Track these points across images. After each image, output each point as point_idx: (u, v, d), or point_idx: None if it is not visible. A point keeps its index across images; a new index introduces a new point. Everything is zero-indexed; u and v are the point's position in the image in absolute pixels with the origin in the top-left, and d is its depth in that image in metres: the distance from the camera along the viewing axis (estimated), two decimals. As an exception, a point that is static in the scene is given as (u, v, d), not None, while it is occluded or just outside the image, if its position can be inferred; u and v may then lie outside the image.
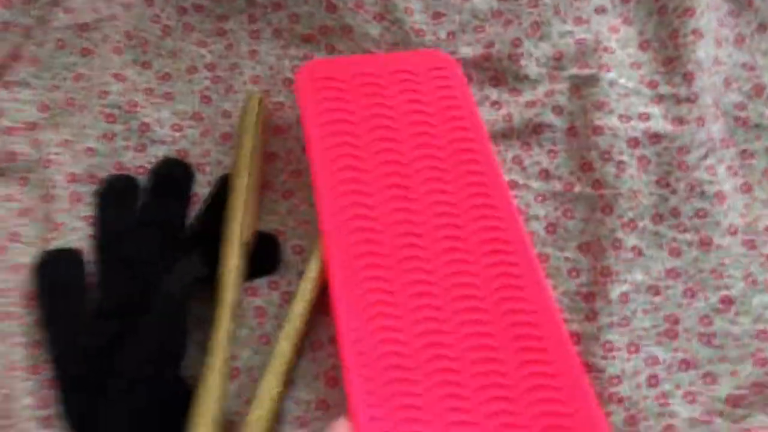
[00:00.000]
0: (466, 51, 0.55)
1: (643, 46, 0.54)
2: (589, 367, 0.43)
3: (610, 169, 0.49)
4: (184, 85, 0.55)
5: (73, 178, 0.50)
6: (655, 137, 0.50)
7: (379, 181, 0.47)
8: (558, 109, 0.52)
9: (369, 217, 0.46)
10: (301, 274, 0.46)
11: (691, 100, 0.51)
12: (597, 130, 0.50)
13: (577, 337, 0.45)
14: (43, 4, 0.56)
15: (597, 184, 0.49)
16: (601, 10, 0.55)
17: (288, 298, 0.46)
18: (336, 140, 0.48)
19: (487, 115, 0.52)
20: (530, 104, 0.53)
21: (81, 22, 0.56)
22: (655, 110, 0.51)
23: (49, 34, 0.55)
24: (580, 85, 0.52)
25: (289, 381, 0.43)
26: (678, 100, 0.51)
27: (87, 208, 0.49)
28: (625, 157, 0.49)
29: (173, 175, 0.51)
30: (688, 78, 0.51)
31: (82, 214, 0.49)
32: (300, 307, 0.44)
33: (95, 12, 0.56)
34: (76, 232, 0.48)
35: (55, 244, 0.47)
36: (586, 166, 0.50)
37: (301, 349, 0.44)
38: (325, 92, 0.50)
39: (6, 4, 0.54)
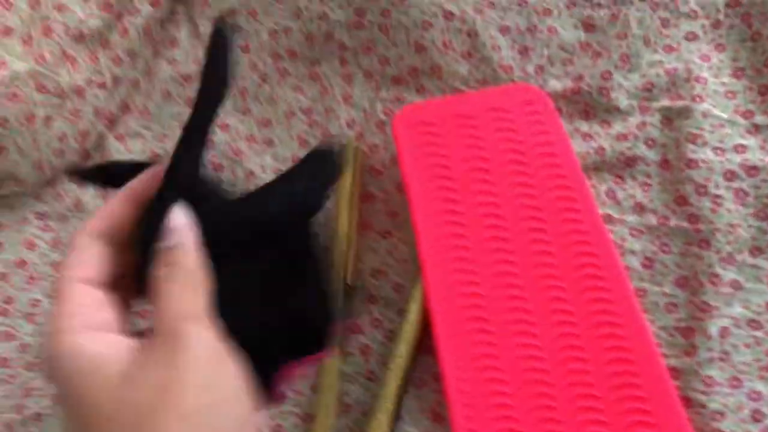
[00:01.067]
0: (555, 84, 0.55)
1: (737, 74, 0.53)
2: (690, 403, 0.44)
3: (706, 203, 0.49)
4: (282, 131, 0.57)
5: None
6: (753, 169, 0.49)
7: (476, 219, 0.49)
8: (650, 142, 0.52)
9: (468, 256, 0.47)
10: (401, 312, 0.48)
11: (789, 129, 0.50)
12: (691, 164, 0.50)
13: (677, 373, 0.45)
14: (148, 57, 0.59)
15: (693, 218, 0.49)
16: (692, 37, 0.54)
17: (390, 335, 0.48)
18: (433, 181, 0.50)
19: (578, 147, 0.53)
20: (621, 137, 0.53)
21: (184, 73, 0.59)
22: (752, 141, 0.50)
23: (156, 85, 0.59)
24: (672, 117, 0.52)
25: (396, 417, 0.46)
26: (775, 130, 0.50)
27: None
28: (721, 191, 0.49)
29: None
30: (785, 107, 0.51)
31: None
32: (403, 349, 0.46)
33: (196, 63, 0.59)
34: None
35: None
36: (680, 200, 0.50)
37: (405, 387, 0.46)
38: (421, 136, 0.52)
39: (116, 61, 0.57)
